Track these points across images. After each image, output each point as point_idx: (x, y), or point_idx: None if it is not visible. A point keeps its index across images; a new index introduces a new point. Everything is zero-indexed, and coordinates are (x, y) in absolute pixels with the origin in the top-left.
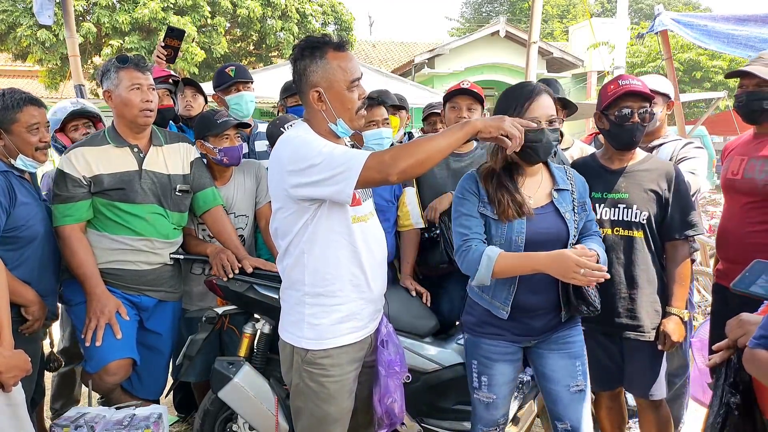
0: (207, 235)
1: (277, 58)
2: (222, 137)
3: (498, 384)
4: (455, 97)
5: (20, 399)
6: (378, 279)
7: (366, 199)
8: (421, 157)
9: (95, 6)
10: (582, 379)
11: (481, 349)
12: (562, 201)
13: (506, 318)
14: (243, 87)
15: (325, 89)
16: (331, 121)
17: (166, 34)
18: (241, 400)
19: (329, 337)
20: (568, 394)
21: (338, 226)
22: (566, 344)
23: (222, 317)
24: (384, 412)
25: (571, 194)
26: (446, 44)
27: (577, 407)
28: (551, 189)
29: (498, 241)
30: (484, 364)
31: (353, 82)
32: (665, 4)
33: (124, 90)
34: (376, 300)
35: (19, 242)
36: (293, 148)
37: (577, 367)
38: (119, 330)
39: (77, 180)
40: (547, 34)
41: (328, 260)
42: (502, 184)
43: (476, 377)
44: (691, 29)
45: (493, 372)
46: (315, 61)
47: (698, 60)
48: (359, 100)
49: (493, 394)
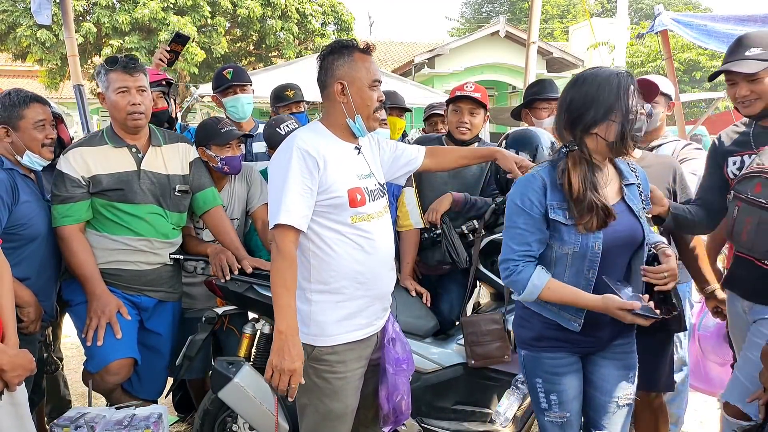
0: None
1: (277, 58)
2: (224, 146)
3: (569, 400)
4: (458, 100)
5: (23, 398)
6: (384, 277)
7: (375, 198)
8: None
9: (95, 6)
10: (632, 390)
11: (544, 365)
12: (632, 197)
13: (578, 330)
14: (240, 89)
15: (348, 83)
16: (350, 116)
17: (173, 39)
18: (241, 400)
19: (335, 333)
20: (616, 406)
21: (338, 225)
22: (624, 354)
23: (221, 317)
24: (391, 409)
25: (638, 188)
26: (446, 44)
27: (619, 420)
28: (620, 184)
29: (572, 249)
30: (551, 381)
31: (374, 81)
32: (665, 4)
33: (112, 93)
34: (382, 298)
35: (19, 240)
36: (278, 160)
37: (630, 379)
38: (120, 330)
39: (76, 180)
40: (547, 34)
41: (331, 258)
42: (593, 189)
43: (544, 397)
44: (691, 29)
45: (563, 387)
46: (343, 57)
47: (698, 60)
48: (377, 101)
49: (566, 412)
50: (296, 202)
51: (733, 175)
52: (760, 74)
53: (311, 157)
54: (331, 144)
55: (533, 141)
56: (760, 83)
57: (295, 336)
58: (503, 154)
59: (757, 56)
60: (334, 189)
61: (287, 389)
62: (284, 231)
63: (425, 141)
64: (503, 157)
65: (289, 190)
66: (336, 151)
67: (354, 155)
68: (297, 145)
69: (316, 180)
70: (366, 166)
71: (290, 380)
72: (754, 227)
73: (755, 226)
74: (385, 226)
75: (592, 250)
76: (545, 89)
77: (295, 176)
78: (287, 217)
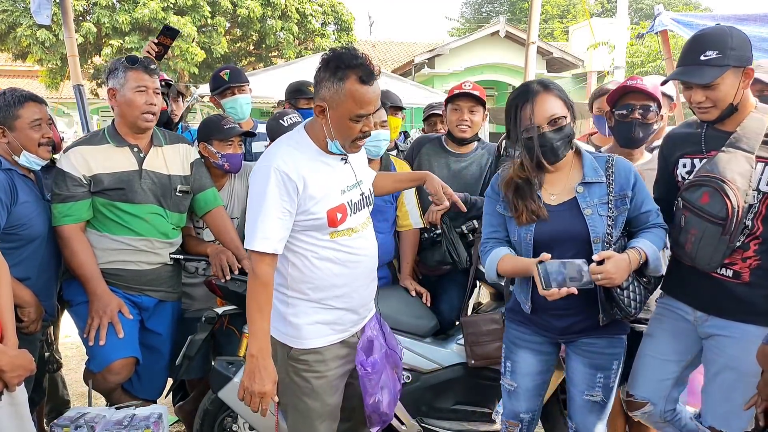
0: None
1: (277, 58)
2: (226, 143)
3: (520, 373)
4: (457, 99)
5: (23, 399)
6: (362, 289)
7: (359, 209)
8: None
9: (95, 6)
10: (600, 391)
11: (510, 334)
12: (587, 196)
13: (529, 312)
14: (238, 90)
15: (329, 107)
16: (328, 137)
17: (161, 32)
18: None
19: (310, 337)
20: (581, 399)
21: (317, 240)
22: (591, 353)
23: (221, 317)
24: (372, 411)
25: (608, 187)
26: (446, 44)
27: (587, 415)
28: (577, 184)
29: (513, 239)
30: (510, 348)
31: (359, 116)
32: (665, 4)
33: (129, 90)
34: (358, 309)
35: (18, 241)
36: (257, 180)
37: (597, 379)
38: (121, 329)
39: (77, 179)
40: (547, 34)
41: (309, 270)
42: (519, 191)
43: (503, 362)
44: (691, 29)
45: (517, 358)
46: (333, 79)
47: None
48: (361, 132)
49: (515, 382)
50: (274, 227)
51: (682, 177)
52: (715, 82)
53: (291, 180)
54: (313, 160)
55: None
56: (715, 90)
57: (267, 359)
58: (432, 177)
59: (712, 61)
60: (313, 211)
61: (258, 409)
62: (261, 256)
63: (425, 141)
64: (431, 180)
65: (267, 215)
66: (318, 167)
67: (340, 166)
68: (277, 166)
69: (294, 203)
70: (352, 176)
71: (262, 401)
72: (698, 239)
73: (699, 239)
74: (368, 238)
75: (525, 242)
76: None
77: (273, 199)
78: (264, 245)
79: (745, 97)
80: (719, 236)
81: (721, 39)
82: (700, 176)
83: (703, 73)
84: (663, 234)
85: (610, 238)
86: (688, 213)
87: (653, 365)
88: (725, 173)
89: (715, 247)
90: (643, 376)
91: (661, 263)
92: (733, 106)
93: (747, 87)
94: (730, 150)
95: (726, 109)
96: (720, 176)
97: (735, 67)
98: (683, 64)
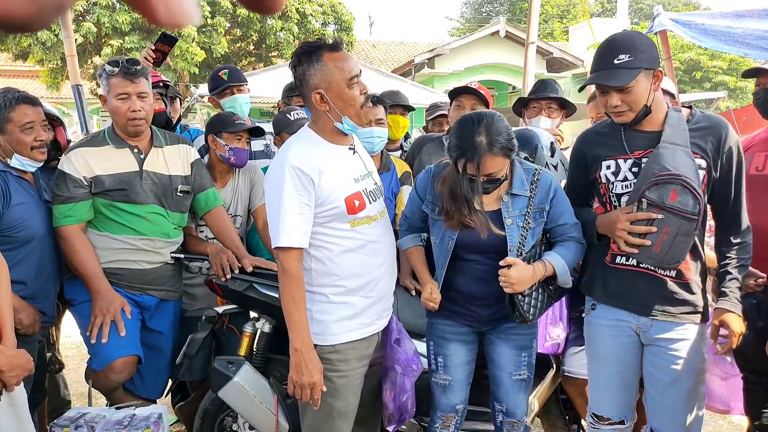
0: (205, 235)
1: (277, 58)
2: (235, 137)
3: (453, 365)
4: (460, 95)
5: (22, 399)
6: (384, 278)
7: (375, 198)
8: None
9: (95, 6)
10: (526, 369)
11: (437, 330)
12: (511, 207)
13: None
14: (237, 90)
15: (325, 90)
16: (336, 120)
17: (159, 39)
18: (241, 399)
19: (337, 332)
20: (510, 380)
21: (338, 231)
22: (515, 335)
23: (222, 317)
24: (396, 408)
25: (529, 200)
26: (446, 44)
27: (516, 394)
28: (503, 193)
29: (435, 239)
30: (439, 344)
31: (351, 79)
32: (665, 4)
33: (113, 98)
34: (383, 298)
35: (14, 242)
36: (272, 180)
37: (522, 359)
38: (123, 327)
39: (78, 180)
40: (547, 34)
41: (332, 263)
42: (453, 196)
43: (433, 359)
44: (689, 29)
45: (448, 352)
46: (312, 64)
47: (698, 60)
48: (361, 95)
49: (449, 376)
50: (295, 222)
51: (607, 179)
52: (630, 85)
53: (305, 174)
54: (324, 152)
55: (532, 141)
56: (630, 93)
57: (311, 351)
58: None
59: (625, 64)
60: (331, 200)
61: (311, 401)
62: (287, 251)
63: (425, 140)
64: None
65: (286, 211)
66: (330, 159)
67: (349, 156)
68: (289, 163)
69: (312, 195)
70: (362, 166)
71: (312, 392)
72: (671, 237)
73: (673, 237)
74: (387, 226)
75: (446, 245)
76: (540, 89)
77: (291, 196)
78: (289, 240)
79: (657, 98)
80: (691, 232)
81: (630, 42)
82: (661, 175)
83: (618, 76)
84: (576, 248)
85: (523, 247)
86: (659, 212)
87: (617, 388)
88: (680, 169)
89: (687, 244)
90: (611, 401)
91: (569, 276)
92: (647, 107)
93: (658, 89)
94: (667, 146)
95: (641, 111)
96: (680, 173)
97: (647, 69)
98: (597, 69)
